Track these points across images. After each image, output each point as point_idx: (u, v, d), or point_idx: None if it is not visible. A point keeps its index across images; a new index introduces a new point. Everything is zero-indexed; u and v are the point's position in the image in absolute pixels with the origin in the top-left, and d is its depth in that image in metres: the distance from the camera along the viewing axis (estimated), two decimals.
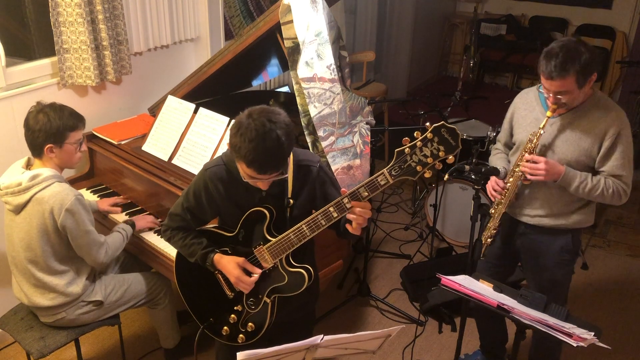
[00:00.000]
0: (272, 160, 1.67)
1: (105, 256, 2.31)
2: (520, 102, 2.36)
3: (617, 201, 2.18)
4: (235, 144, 1.66)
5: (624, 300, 3.45)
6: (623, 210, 4.48)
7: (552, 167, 2.12)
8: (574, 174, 2.14)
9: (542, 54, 2.06)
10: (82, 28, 2.75)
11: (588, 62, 2.00)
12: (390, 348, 3.00)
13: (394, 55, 6.33)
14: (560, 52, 2.00)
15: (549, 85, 2.06)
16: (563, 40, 2.06)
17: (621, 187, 2.14)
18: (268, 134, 1.63)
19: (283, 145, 1.66)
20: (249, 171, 1.69)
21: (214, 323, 2.02)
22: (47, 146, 2.20)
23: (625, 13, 6.41)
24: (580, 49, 2.00)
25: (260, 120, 1.64)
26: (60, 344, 2.34)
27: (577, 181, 2.13)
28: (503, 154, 2.49)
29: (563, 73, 1.99)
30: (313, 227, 1.75)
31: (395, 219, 4.25)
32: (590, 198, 2.18)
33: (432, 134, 1.56)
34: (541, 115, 2.19)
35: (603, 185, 2.13)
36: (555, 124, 2.19)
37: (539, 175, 2.13)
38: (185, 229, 1.99)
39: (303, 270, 1.84)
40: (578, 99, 2.11)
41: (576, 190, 2.15)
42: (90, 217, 2.26)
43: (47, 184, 2.17)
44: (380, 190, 1.65)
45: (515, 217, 2.38)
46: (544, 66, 2.03)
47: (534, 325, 1.78)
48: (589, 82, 2.06)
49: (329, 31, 2.61)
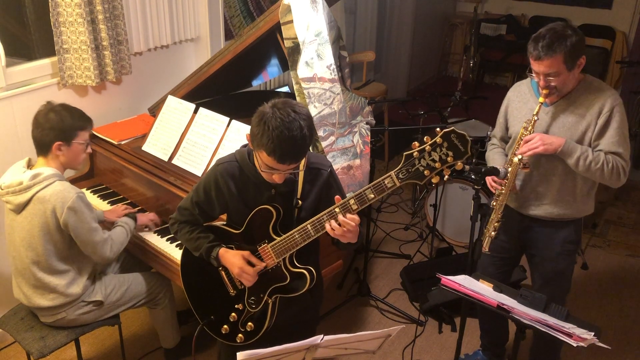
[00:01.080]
0: (293, 150, 1.67)
1: (111, 251, 2.31)
2: (514, 95, 2.38)
3: (616, 179, 2.17)
4: (257, 132, 1.67)
5: (624, 300, 3.45)
6: (623, 210, 4.48)
7: (547, 138, 2.14)
8: (575, 145, 2.15)
9: (530, 39, 2.10)
10: (82, 28, 2.75)
11: (575, 43, 2.04)
12: (390, 348, 3.00)
13: (394, 55, 6.34)
14: (548, 34, 2.05)
15: (537, 67, 2.10)
16: (550, 24, 2.10)
17: (620, 164, 2.14)
18: (292, 124, 1.64)
19: (305, 136, 1.67)
20: (268, 160, 1.69)
21: (214, 321, 2.02)
22: (57, 144, 2.22)
23: (625, 13, 6.41)
24: (567, 31, 2.05)
25: (285, 110, 1.66)
26: (60, 344, 2.34)
27: (577, 152, 2.13)
28: (500, 148, 2.50)
29: (550, 52, 2.03)
30: (318, 228, 1.75)
31: (395, 219, 4.25)
32: (590, 174, 2.16)
33: (441, 139, 1.55)
34: (535, 105, 2.21)
35: (603, 158, 2.12)
36: (549, 113, 2.22)
37: (537, 147, 2.12)
38: (193, 224, 2.00)
39: (306, 271, 1.84)
40: (568, 82, 2.14)
41: (577, 162, 2.14)
42: (92, 214, 2.26)
43: (48, 183, 2.18)
44: (386, 192, 1.65)
45: (521, 211, 2.39)
46: (532, 48, 2.08)
47: (534, 325, 1.78)
48: (577, 66, 2.09)
49: (329, 31, 2.61)
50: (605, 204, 4.51)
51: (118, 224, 2.46)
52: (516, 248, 2.52)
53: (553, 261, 2.38)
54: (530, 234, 2.42)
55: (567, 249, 2.37)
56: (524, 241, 2.46)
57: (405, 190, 4.67)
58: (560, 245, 2.36)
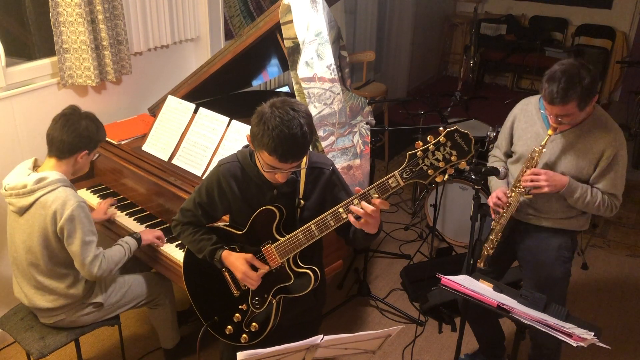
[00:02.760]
0: (294, 148, 1.67)
1: (99, 270, 2.21)
2: (521, 114, 2.38)
3: (609, 214, 2.28)
4: (258, 132, 1.67)
5: (624, 300, 3.45)
6: (623, 210, 4.48)
7: (553, 178, 2.17)
8: (577, 185, 2.20)
9: (545, 76, 2.09)
10: (82, 28, 2.75)
11: (589, 86, 2.03)
12: (390, 348, 3.00)
13: (394, 55, 6.33)
14: (563, 77, 2.02)
15: (550, 109, 2.11)
16: (565, 63, 2.08)
17: (614, 204, 2.26)
18: (291, 122, 1.64)
19: (306, 133, 1.67)
20: (270, 160, 1.69)
21: (218, 322, 2.02)
22: (83, 152, 2.24)
23: (625, 13, 6.42)
24: (582, 73, 2.03)
25: (284, 108, 1.66)
26: (60, 344, 2.34)
27: (578, 192, 2.19)
28: (502, 162, 2.52)
29: (565, 99, 2.03)
30: (322, 228, 1.75)
31: (395, 219, 4.25)
32: (586, 209, 2.26)
33: (445, 138, 1.54)
34: (542, 130, 2.25)
35: (600, 199, 2.22)
36: (555, 141, 2.24)
37: (542, 187, 2.17)
38: (196, 225, 2.00)
39: (309, 271, 1.84)
40: (579, 118, 2.17)
41: (576, 201, 2.21)
42: (91, 226, 2.21)
43: (52, 188, 2.16)
44: (390, 192, 1.65)
45: (518, 218, 2.39)
46: (546, 90, 2.07)
47: (534, 325, 1.78)
48: (590, 103, 2.10)
49: (329, 31, 2.61)
50: None
51: (118, 243, 2.38)
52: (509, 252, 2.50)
53: (547, 267, 2.36)
54: (525, 238, 2.41)
55: (562, 255, 2.36)
56: (519, 245, 2.44)
57: (405, 190, 4.67)
58: (555, 250, 2.35)
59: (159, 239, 2.52)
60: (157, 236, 2.51)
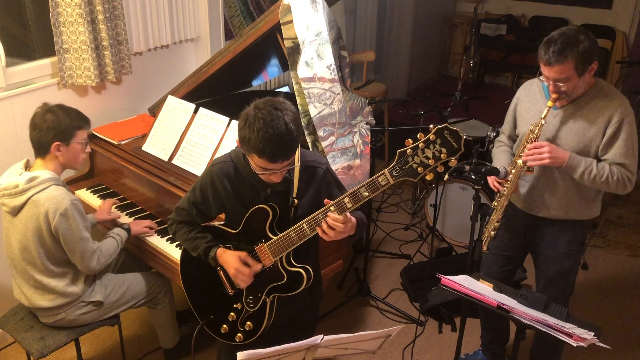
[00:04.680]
0: (282, 147, 1.67)
1: (98, 263, 2.28)
2: (524, 94, 2.36)
3: (622, 189, 2.17)
4: (244, 136, 1.67)
5: (624, 300, 3.45)
6: (623, 210, 4.48)
7: (555, 151, 2.12)
8: (579, 159, 2.13)
9: (542, 42, 2.07)
10: (82, 28, 2.75)
11: (587, 49, 2.00)
12: (390, 348, 3.00)
13: (394, 55, 6.34)
14: (559, 39, 2.01)
15: (547, 72, 2.07)
16: (563, 28, 2.06)
17: (625, 175, 2.14)
18: (276, 122, 1.64)
19: (291, 130, 1.67)
20: (260, 162, 1.69)
21: (214, 321, 2.02)
22: (55, 144, 2.21)
23: (625, 13, 6.41)
24: (579, 36, 2.01)
25: (267, 109, 1.66)
26: (60, 344, 2.34)
27: (582, 167, 2.12)
28: (506, 147, 2.48)
29: (561, 59, 2.00)
30: (313, 226, 1.75)
31: (395, 219, 4.25)
32: (595, 185, 2.17)
33: (434, 135, 1.54)
34: (544, 107, 2.17)
35: (608, 171, 2.12)
36: (558, 116, 2.19)
37: (544, 159, 2.10)
38: (191, 224, 2.00)
39: (302, 270, 1.84)
40: (579, 87, 2.11)
41: (581, 177, 2.14)
42: (85, 223, 2.24)
43: (43, 187, 2.17)
44: (380, 190, 1.65)
45: (527, 211, 2.38)
46: (543, 53, 2.05)
47: (534, 325, 1.78)
48: (589, 70, 2.06)
49: (329, 31, 2.61)
50: (606, 204, 4.50)
51: (109, 235, 2.43)
52: (520, 246, 2.51)
53: (557, 261, 2.37)
54: (535, 232, 2.41)
55: (572, 249, 2.36)
56: (529, 240, 2.46)
57: (405, 190, 4.67)
58: (565, 244, 2.35)
59: (151, 229, 2.59)
60: (146, 226, 2.58)
